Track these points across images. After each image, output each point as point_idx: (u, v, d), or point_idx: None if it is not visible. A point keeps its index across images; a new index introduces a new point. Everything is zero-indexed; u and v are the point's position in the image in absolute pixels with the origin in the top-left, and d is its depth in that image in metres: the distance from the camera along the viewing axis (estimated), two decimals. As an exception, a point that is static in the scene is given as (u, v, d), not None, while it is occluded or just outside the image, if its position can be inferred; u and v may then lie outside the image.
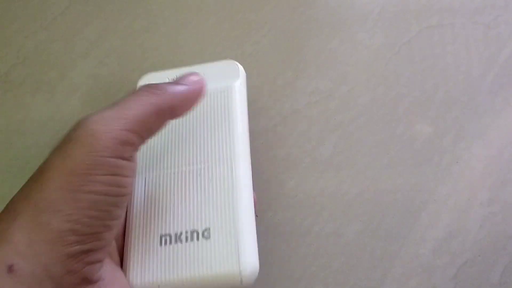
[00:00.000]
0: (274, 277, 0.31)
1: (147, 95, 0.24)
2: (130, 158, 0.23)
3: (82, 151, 0.21)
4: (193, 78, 0.27)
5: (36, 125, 0.37)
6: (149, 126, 0.24)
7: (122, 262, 0.27)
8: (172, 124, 0.29)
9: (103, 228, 0.22)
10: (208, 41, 0.38)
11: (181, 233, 0.26)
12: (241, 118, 0.29)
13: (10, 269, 0.20)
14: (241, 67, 0.31)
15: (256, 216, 0.28)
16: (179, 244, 0.26)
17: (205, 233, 0.26)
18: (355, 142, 0.34)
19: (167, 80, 0.30)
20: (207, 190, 0.27)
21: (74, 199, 0.21)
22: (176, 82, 0.26)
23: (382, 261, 0.31)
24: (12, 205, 0.21)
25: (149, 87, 0.25)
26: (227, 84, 0.30)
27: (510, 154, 0.33)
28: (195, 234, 0.26)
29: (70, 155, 0.21)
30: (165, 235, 0.26)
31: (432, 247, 0.31)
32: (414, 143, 0.33)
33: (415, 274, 0.30)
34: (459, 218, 0.31)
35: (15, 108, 0.37)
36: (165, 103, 0.24)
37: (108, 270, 0.24)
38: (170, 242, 0.26)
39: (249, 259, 0.25)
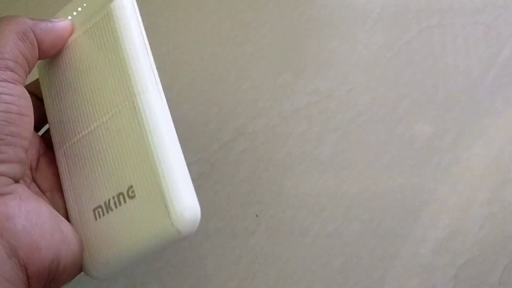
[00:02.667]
0: (274, 277, 0.31)
1: (9, 27, 0.25)
2: (15, 83, 0.24)
3: None
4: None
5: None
6: (23, 55, 0.24)
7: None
8: (69, 76, 0.26)
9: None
10: (208, 41, 0.38)
11: (109, 200, 0.24)
12: (130, 42, 0.24)
13: None
14: None
15: (256, 216, 0.28)
16: (110, 212, 0.24)
17: (130, 192, 0.23)
18: (355, 142, 0.34)
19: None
20: (119, 144, 0.24)
21: None
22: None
23: (382, 261, 0.31)
24: None
25: (9, 17, 0.25)
26: (106, 8, 0.25)
27: (510, 154, 0.33)
28: (121, 197, 0.23)
29: None
30: (97, 208, 0.24)
31: (432, 247, 0.31)
32: (414, 143, 0.33)
33: (415, 274, 0.30)
34: (459, 218, 0.31)
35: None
36: (26, 28, 0.25)
37: (25, 189, 0.23)
38: (103, 214, 0.24)
39: (180, 207, 0.22)
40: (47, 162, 0.28)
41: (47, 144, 0.29)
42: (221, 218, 0.33)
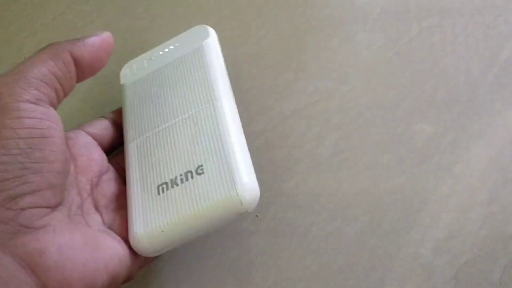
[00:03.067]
0: (274, 277, 0.31)
1: (44, 51, 0.25)
2: (39, 103, 0.24)
3: None
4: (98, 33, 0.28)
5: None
6: (52, 73, 0.25)
7: (106, 221, 0.27)
8: (153, 91, 0.31)
9: (25, 171, 0.22)
10: (208, 41, 0.38)
11: (176, 178, 0.27)
12: (215, 66, 0.31)
13: None
14: (210, 28, 0.33)
15: (256, 216, 0.28)
16: (176, 187, 0.26)
17: (199, 170, 0.26)
18: (355, 142, 0.34)
19: (146, 64, 0.33)
20: (194, 133, 0.28)
21: None
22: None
23: (382, 261, 0.31)
24: None
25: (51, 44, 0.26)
26: (198, 43, 0.32)
27: (510, 154, 0.33)
28: (189, 174, 0.26)
29: None
30: (162, 184, 0.27)
31: (432, 247, 0.31)
32: (414, 143, 0.33)
33: (415, 274, 0.30)
34: (459, 218, 0.31)
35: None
36: (60, 48, 0.25)
37: (60, 219, 0.23)
38: (167, 189, 0.26)
39: (245, 181, 0.25)
40: (109, 180, 0.29)
41: (114, 167, 0.30)
42: (221, 218, 0.33)
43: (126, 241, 0.26)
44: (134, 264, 0.26)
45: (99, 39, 0.27)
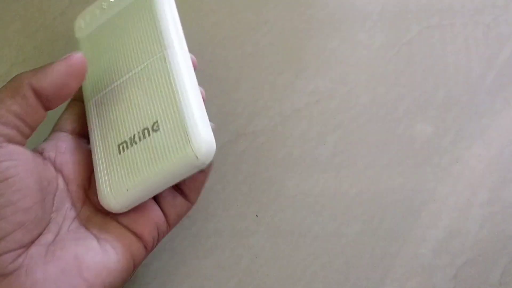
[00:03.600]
0: (274, 277, 0.31)
1: (2, 88, 0.25)
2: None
3: None
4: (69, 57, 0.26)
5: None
6: (10, 112, 0.24)
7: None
8: (106, 44, 0.30)
9: None
10: (208, 41, 0.38)
11: (134, 136, 0.27)
12: (166, 13, 0.29)
13: None
14: None
15: (256, 216, 0.28)
16: (134, 146, 0.27)
17: (154, 127, 0.26)
18: (355, 142, 0.34)
19: (98, 13, 0.32)
20: (148, 88, 0.27)
21: None
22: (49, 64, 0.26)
23: (382, 261, 0.31)
24: None
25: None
26: None
27: (510, 154, 0.33)
28: (145, 132, 0.26)
29: None
30: (122, 143, 0.27)
31: (432, 247, 0.31)
32: (414, 143, 0.33)
33: (415, 274, 0.30)
34: (459, 218, 0.31)
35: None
36: (23, 84, 0.25)
37: (35, 255, 0.23)
38: (127, 147, 0.27)
39: (199, 136, 0.25)
40: None
41: None
42: (221, 218, 0.33)
43: (125, 238, 0.26)
44: (127, 268, 0.26)
45: (65, 65, 0.26)
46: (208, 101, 0.36)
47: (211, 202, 0.33)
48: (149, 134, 0.26)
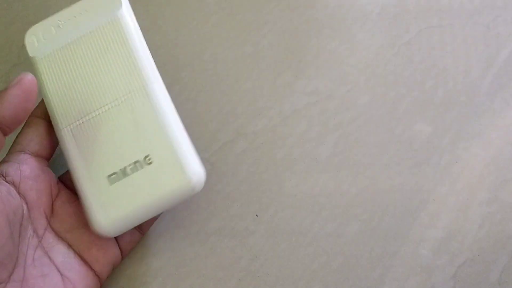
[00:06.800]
0: (274, 277, 0.31)
1: None
2: None
3: None
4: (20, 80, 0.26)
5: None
6: None
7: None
8: (73, 69, 0.30)
9: None
10: (208, 41, 0.38)
11: (125, 168, 0.28)
12: (136, 43, 0.30)
13: None
14: None
15: (256, 216, 0.29)
16: (127, 177, 0.28)
17: (147, 159, 0.28)
18: (355, 142, 0.34)
19: (54, 32, 0.31)
20: (133, 121, 0.28)
21: None
22: None
23: (381, 261, 0.31)
24: None
25: None
26: (113, 14, 0.30)
27: (510, 154, 0.33)
28: (138, 164, 0.28)
29: None
30: (112, 174, 0.28)
31: (431, 246, 0.31)
32: (413, 143, 0.34)
33: (414, 274, 0.30)
34: (458, 217, 0.31)
35: (16, 108, 0.37)
36: None
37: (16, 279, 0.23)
38: (119, 179, 0.28)
39: (193, 167, 0.28)
40: (63, 202, 0.29)
41: (63, 183, 0.30)
42: (221, 218, 0.33)
43: (91, 261, 0.28)
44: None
45: (20, 90, 0.25)
46: (208, 101, 0.36)
47: (211, 202, 0.33)
48: (141, 167, 0.28)
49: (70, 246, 0.28)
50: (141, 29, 0.31)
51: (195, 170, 0.28)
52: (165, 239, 0.32)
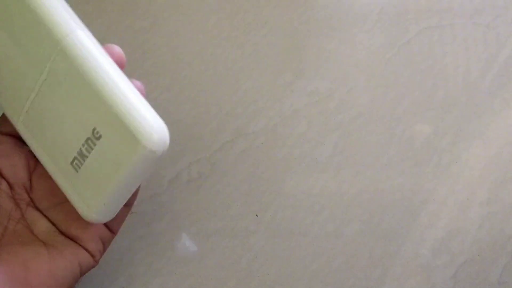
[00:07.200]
0: (274, 277, 0.31)
1: None
2: None
3: None
4: None
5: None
6: None
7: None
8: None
9: None
10: (208, 41, 0.38)
11: (81, 149, 0.24)
12: None
13: None
14: None
15: (256, 216, 0.28)
16: (86, 160, 0.24)
17: (95, 134, 0.23)
18: (355, 142, 0.34)
19: None
20: (67, 93, 0.24)
21: None
22: None
23: (381, 261, 0.31)
24: None
25: None
26: None
27: (509, 154, 0.33)
28: (90, 142, 0.24)
29: None
30: (73, 160, 0.24)
31: (432, 246, 0.31)
32: (413, 143, 0.34)
33: (414, 274, 0.30)
34: (458, 217, 0.31)
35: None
36: None
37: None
38: (81, 163, 0.24)
39: (145, 129, 0.22)
40: (39, 177, 0.28)
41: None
42: (221, 218, 0.33)
43: (74, 236, 0.26)
44: (74, 276, 0.26)
45: None
46: (208, 101, 0.36)
47: (211, 202, 0.33)
48: (94, 144, 0.24)
49: (52, 222, 0.27)
50: (141, 29, 0.30)
51: (149, 131, 0.22)
52: (165, 239, 0.32)
